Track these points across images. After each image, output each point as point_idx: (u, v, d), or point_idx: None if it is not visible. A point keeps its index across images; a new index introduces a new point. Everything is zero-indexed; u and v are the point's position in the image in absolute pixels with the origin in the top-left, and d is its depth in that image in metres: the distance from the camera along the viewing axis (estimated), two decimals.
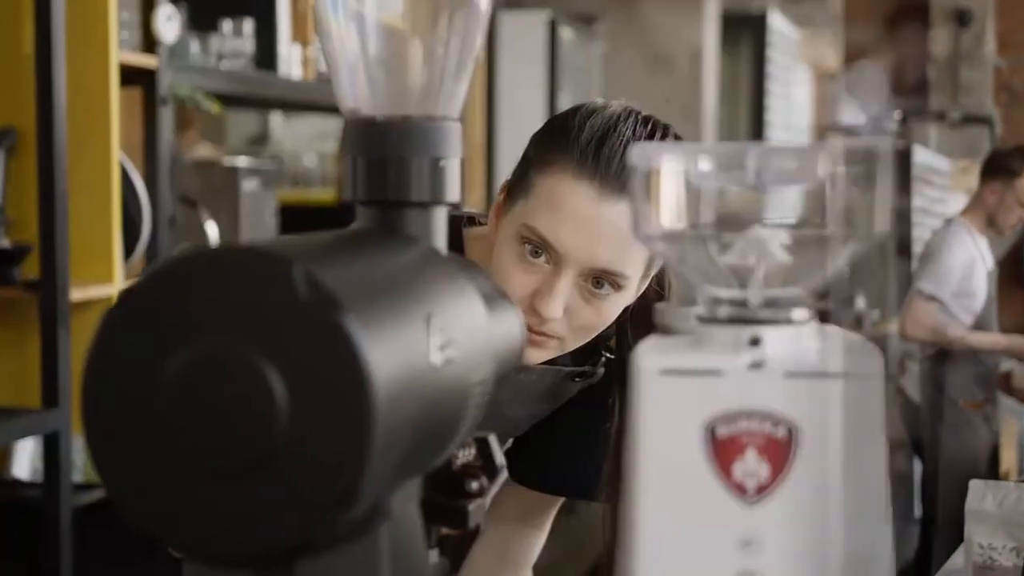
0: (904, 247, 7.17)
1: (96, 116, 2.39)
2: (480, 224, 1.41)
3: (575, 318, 1.25)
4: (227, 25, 2.91)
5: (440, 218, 0.81)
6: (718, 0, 5.62)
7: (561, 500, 1.54)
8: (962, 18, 9.08)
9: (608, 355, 1.40)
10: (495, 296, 0.86)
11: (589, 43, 5.06)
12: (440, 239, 0.80)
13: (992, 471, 4.30)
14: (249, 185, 2.96)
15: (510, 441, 1.51)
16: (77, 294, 2.32)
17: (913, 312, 4.22)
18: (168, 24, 2.53)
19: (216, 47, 2.87)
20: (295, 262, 0.60)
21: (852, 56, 9.76)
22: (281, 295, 0.60)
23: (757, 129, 7.31)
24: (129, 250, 2.49)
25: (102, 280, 2.41)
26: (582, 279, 1.24)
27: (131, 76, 2.53)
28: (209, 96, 2.71)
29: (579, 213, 1.21)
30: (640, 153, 0.70)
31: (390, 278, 0.68)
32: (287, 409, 0.60)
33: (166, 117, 2.57)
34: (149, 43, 2.57)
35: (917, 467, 4.71)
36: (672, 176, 0.71)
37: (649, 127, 1.26)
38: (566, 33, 4.81)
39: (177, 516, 0.62)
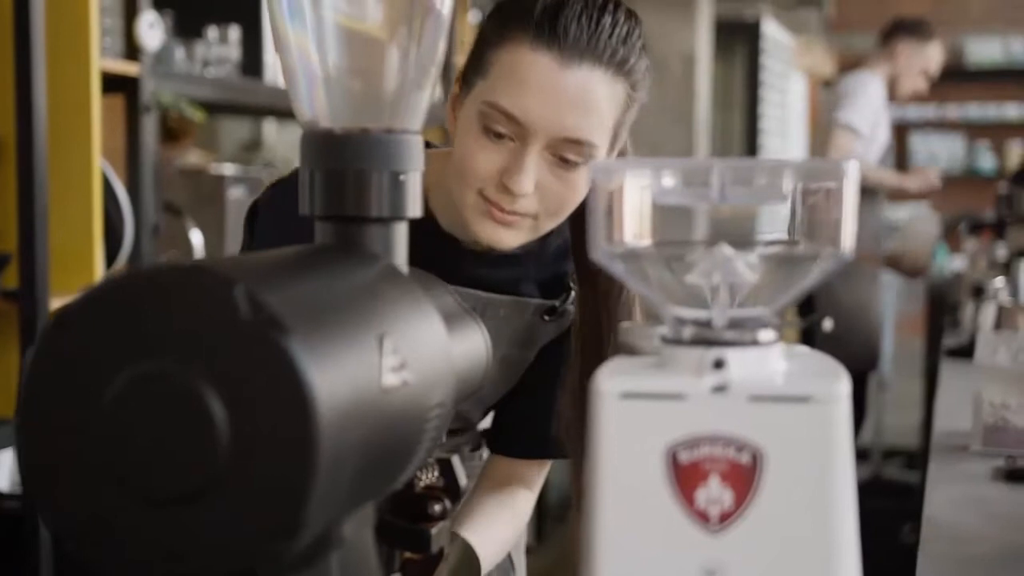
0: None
1: (77, 124, 2.36)
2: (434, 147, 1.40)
3: (546, 194, 1.23)
4: (212, 32, 2.89)
5: (401, 233, 0.78)
6: (711, 7, 5.60)
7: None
8: None
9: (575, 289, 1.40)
10: (458, 314, 0.83)
11: None
12: (400, 255, 0.78)
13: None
14: (236, 193, 2.94)
15: (490, 416, 1.50)
16: (57, 304, 2.30)
17: (836, 142, 4.27)
18: (151, 31, 2.50)
19: (201, 54, 2.84)
20: (237, 282, 0.58)
21: (847, 63, 9.77)
22: (222, 316, 0.57)
23: (751, 136, 7.29)
24: (111, 259, 2.46)
25: (83, 289, 2.38)
26: (549, 152, 1.22)
27: (114, 83, 2.50)
28: (193, 104, 2.69)
29: (541, 83, 1.19)
30: (601, 169, 0.68)
31: (342, 298, 0.65)
32: (228, 435, 0.57)
33: (149, 125, 2.54)
34: (132, 50, 2.54)
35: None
36: (634, 193, 0.68)
37: None
38: None
39: (117, 543, 0.60)
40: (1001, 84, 9.78)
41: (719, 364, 0.66)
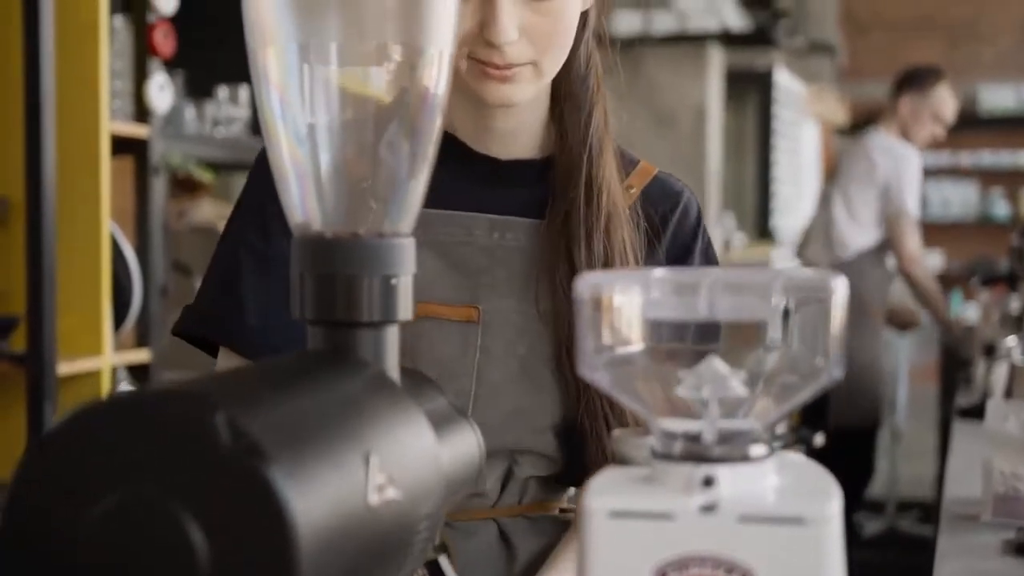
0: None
1: (86, 186, 2.37)
2: None
3: (533, 34, 1.16)
4: (222, 91, 2.91)
5: (392, 338, 0.78)
6: (722, 58, 5.62)
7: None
8: None
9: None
10: (449, 416, 0.83)
11: None
12: (391, 360, 0.77)
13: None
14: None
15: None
16: (65, 367, 2.30)
17: (912, 241, 4.25)
18: (161, 94, 2.52)
19: (212, 113, 2.86)
20: (218, 408, 0.57)
21: (860, 111, 9.80)
22: (203, 443, 0.57)
23: (763, 185, 7.29)
24: (119, 321, 2.46)
25: (91, 352, 2.38)
26: None
27: (124, 145, 2.52)
28: (201, 164, 2.70)
29: None
30: (588, 283, 0.68)
31: (327, 415, 0.65)
32: (208, 563, 0.57)
33: (158, 186, 2.55)
34: (142, 112, 2.55)
35: None
36: (621, 305, 0.68)
37: None
38: None
39: None
40: (1014, 131, 9.78)
41: (708, 482, 0.65)
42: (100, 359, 2.40)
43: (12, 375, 2.31)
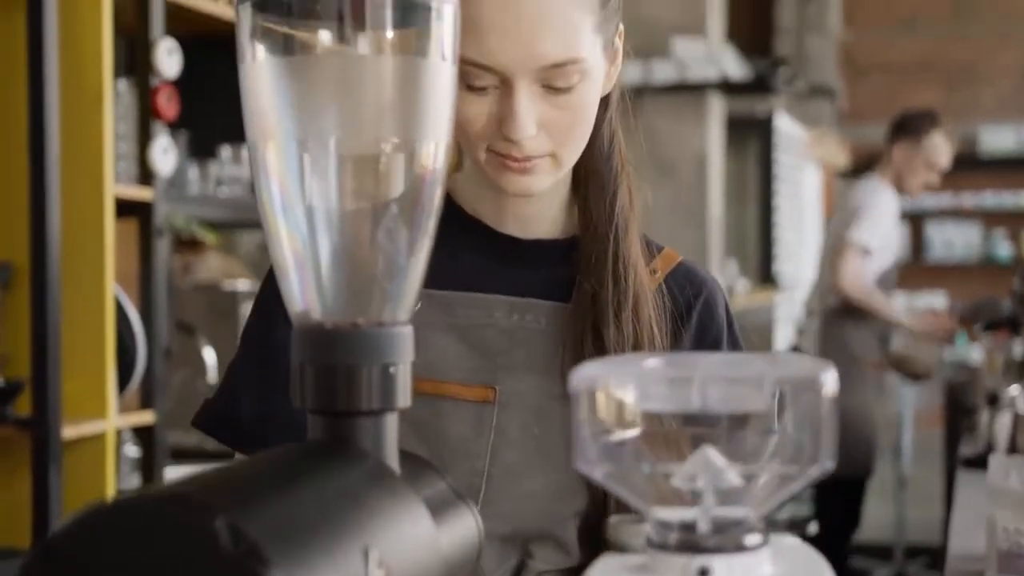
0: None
1: (91, 250, 2.39)
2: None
3: (552, 127, 1.14)
4: (225, 151, 2.93)
5: (391, 425, 0.79)
6: (723, 106, 5.65)
7: None
8: None
9: None
10: (448, 500, 0.83)
11: None
12: (391, 447, 0.78)
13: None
14: (249, 309, 2.95)
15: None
16: (70, 431, 2.30)
17: (850, 265, 4.24)
18: (164, 156, 2.54)
19: (215, 173, 2.88)
20: (219, 511, 0.58)
21: (861, 154, 9.84)
22: (203, 548, 0.58)
23: (766, 230, 7.31)
24: (123, 383, 2.48)
25: (96, 415, 2.39)
26: (538, 84, 1.12)
27: (127, 208, 2.54)
28: (205, 225, 2.72)
29: (495, 19, 1.09)
30: (582, 375, 0.69)
31: (326, 511, 0.66)
32: None
33: (162, 248, 2.57)
34: (146, 174, 2.58)
35: None
36: (616, 397, 0.69)
37: None
38: None
39: None
40: (1016, 172, 9.81)
41: (704, 573, 0.66)
42: (105, 422, 2.40)
43: (17, 439, 2.32)
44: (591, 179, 1.25)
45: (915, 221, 10.10)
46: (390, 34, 0.77)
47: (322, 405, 0.77)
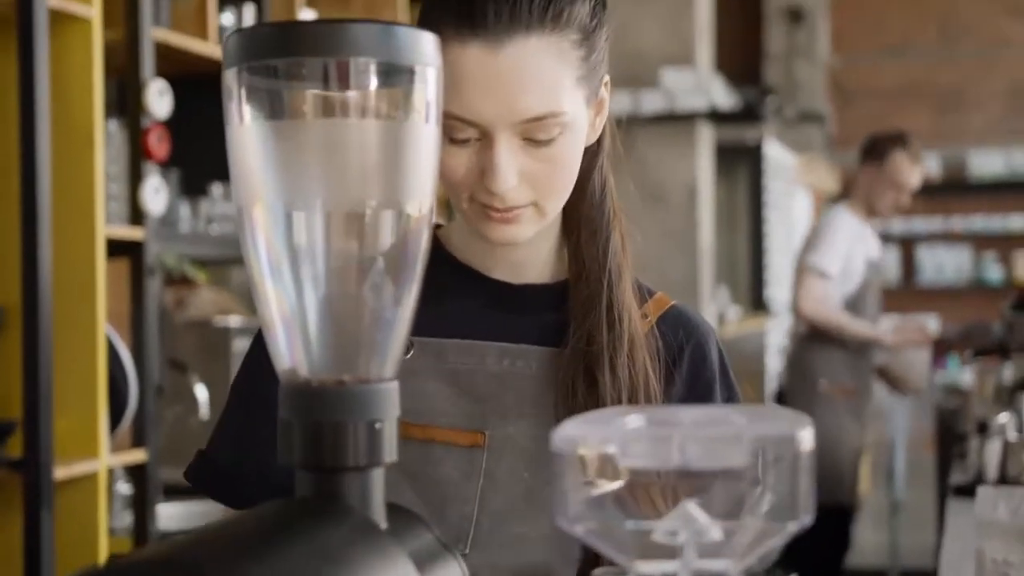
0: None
1: (82, 291, 2.40)
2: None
3: (534, 179, 1.15)
4: (216, 189, 2.95)
5: (377, 480, 0.80)
6: (712, 134, 5.68)
7: None
8: (796, 15, 9.20)
9: None
10: (434, 553, 0.84)
11: None
12: (377, 501, 0.80)
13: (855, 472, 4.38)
14: (241, 344, 2.97)
15: None
16: (62, 472, 2.31)
17: (809, 288, 4.25)
18: (155, 196, 2.55)
19: (206, 210, 2.89)
20: (209, 575, 0.60)
21: (851, 178, 9.88)
22: None
23: (757, 256, 7.33)
24: (115, 422, 2.48)
25: (88, 455, 2.40)
26: (519, 137, 1.13)
27: (119, 248, 2.55)
28: (196, 263, 2.73)
29: (476, 74, 1.11)
30: (564, 435, 0.70)
31: (314, 570, 0.67)
32: None
33: (153, 287, 2.58)
34: (137, 214, 2.59)
35: None
36: (597, 455, 0.70)
37: None
38: None
39: None
40: (1005, 196, 9.87)
41: None
42: (97, 461, 2.41)
43: (8, 481, 2.33)
44: (583, 225, 1.26)
45: (906, 245, 10.15)
46: (374, 97, 0.78)
47: (309, 461, 0.78)
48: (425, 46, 0.79)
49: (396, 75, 0.78)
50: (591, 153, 1.23)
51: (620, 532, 0.71)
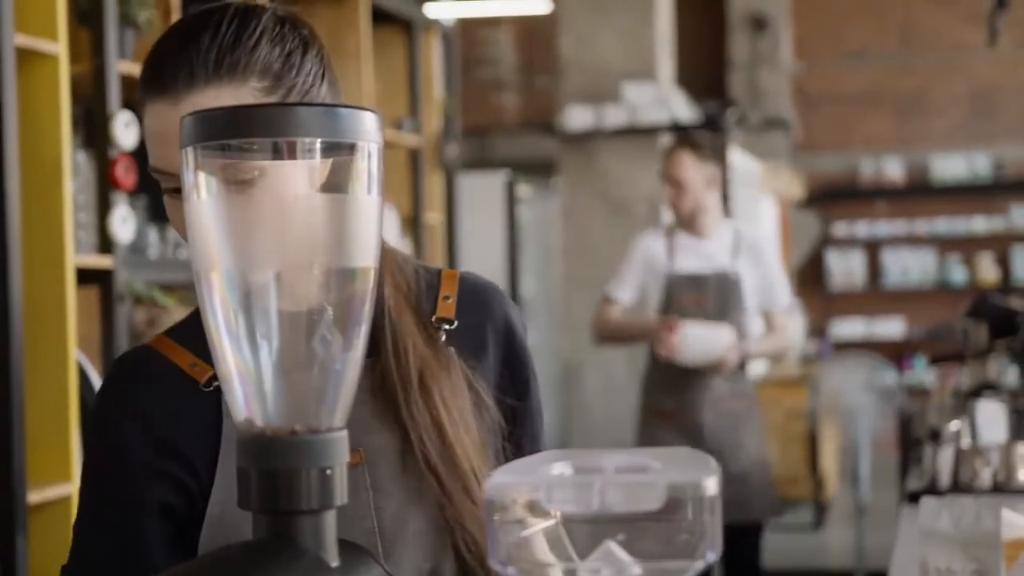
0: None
1: (53, 318, 2.45)
2: None
3: None
4: None
5: (329, 521, 0.87)
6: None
7: None
8: (759, 23, 9.31)
9: (446, 325, 1.31)
10: None
11: (547, 196, 5.18)
12: (330, 541, 0.86)
13: None
14: None
15: None
16: (35, 496, 2.37)
17: (596, 315, 4.12)
18: (124, 225, 2.61)
19: (173, 236, 2.95)
20: None
21: (816, 184, 10.01)
22: None
23: None
24: None
25: (60, 479, 2.45)
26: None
27: (88, 276, 2.61)
28: (163, 290, 2.79)
29: (164, 127, 1.17)
30: (494, 484, 0.77)
31: None
32: None
33: (122, 314, 2.64)
34: (106, 242, 2.65)
35: None
36: (524, 503, 0.77)
37: (227, 15, 1.20)
38: (524, 190, 4.93)
39: None
40: (967, 198, 10.01)
41: None
42: (70, 485, 2.46)
43: None
44: None
45: (871, 248, 10.28)
46: (320, 172, 0.85)
47: (265, 506, 0.85)
48: (366, 124, 0.86)
49: (339, 151, 0.85)
50: None
51: (547, 571, 0.78)
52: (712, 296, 4.05)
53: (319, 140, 0.84)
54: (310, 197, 0.85)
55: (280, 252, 0.86)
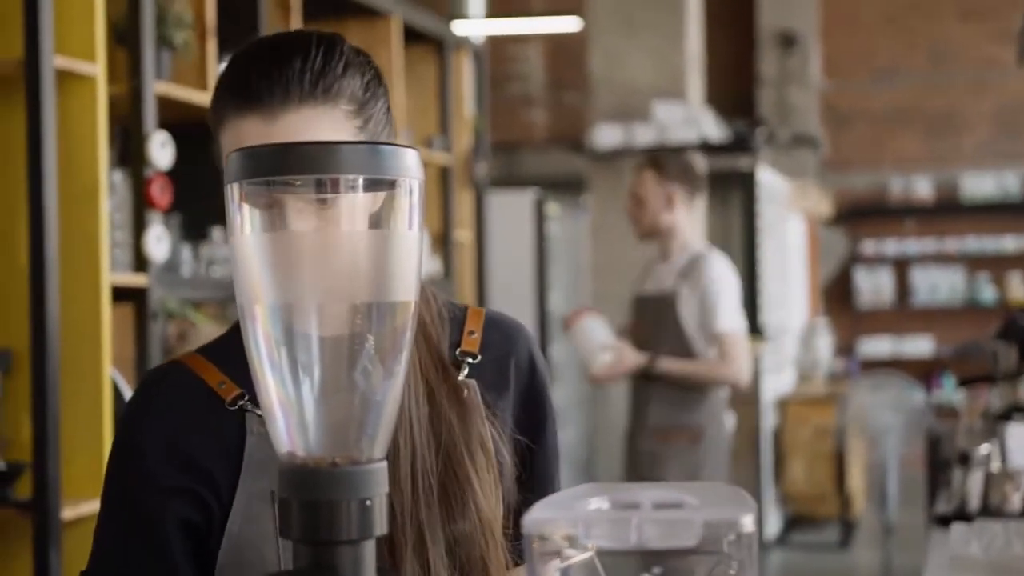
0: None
1: (88, 336, 2.48)
2: None
3: None
4: (217, 232, 3.03)
5: (369, 551, 0.88)
6: (704, 163, 5.76)
7: None
8: (788, 40, 9.29)
9: (469, 359, 1.32)
10: None
11: (576, 214, 5.19)
12: (368, 571, 0.88)
13: None
14: None
15: None
16: (69, 512, 2.39)
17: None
18: (158, 244, 2.64)
19: (207, 254, 2.98)
20: None
21: (844, 202, 9.99)
22: None
23: (751, 281, 7.41)
24: None
25: (95, 496, 2.47)
26: (303, 203, 1.14)
27: (123, 294, 2.63)
28: (196, 308, 2.81)
29: (255, 143, 1.17)
30: (533, 522, 0.78)
31: None
32: None
33: (156, 331, 2.67)
34: (141, 261, 2.68)
35: None
36: (565, 537, 0.78)
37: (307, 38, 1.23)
38: (553, 208, 4.95)
39: None
40: (997, 217, 9.96)
41: None
42: None
43: (17, 522, 2.40)
44: None
45: (900, 266, 10.25)
46: (362, 208, 0.87)
47: (306, 536, 0.87)
48: (408, 161, 0.87)
49: (381, 187, 0.87)
50: None
51: None
52: (649, 319, 4.01)
53: (362, 177, 0.86)
54: (353, 233, 0.87)
55: (322, 287, 0.87)
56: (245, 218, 0.87)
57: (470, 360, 1.31)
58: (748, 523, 0.76)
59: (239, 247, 0.87)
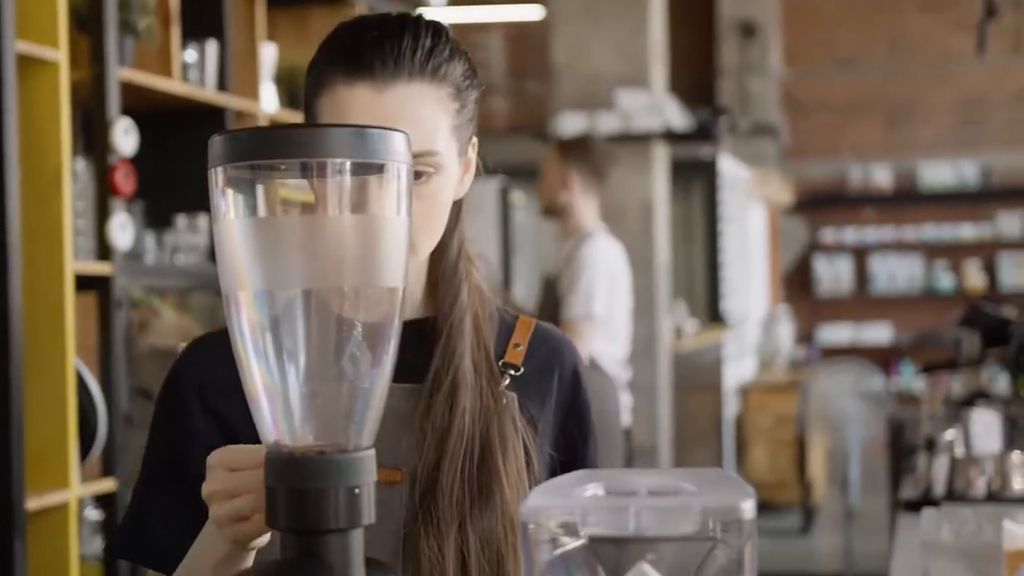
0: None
1: (52, 325, 2.45)
2: None
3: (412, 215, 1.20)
4: (182, 220, 3.00)
5: (357, 540, 0.87)
6: (667, 153, 5.78)
7: None
8: (748, 30, 9.34)
9: (512, 371, 1.32)
10: None
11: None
12: (356, 560, 0.87)
13: None
14: None
15: None
16: (33, 502, 2.36)
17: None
18: (122, 232, 2.61)
19: (171, 242, 2.95)
20: None
21: (804, 190, 10.04)
22: None
23: (713, 269, 7.44)
24: (85, 452, 2.53)
25: (58, 486, 2.45)
26: None
27: (87, 282, 2.60)
28: (160, 297, 2.78)
29: (361, 110, 1.19)
30: (529, 510, 0.77)
31: None
32: None
33: (120, 320, 2.64)
34: (104, 249, 2.64)
35: None
36: (560, 524, 0.77)
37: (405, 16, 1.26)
38: (517, 197, 4.93)
39: None
40: (954, 206, 10.04)
41: None
42: (67, 492, 2.46)
43: None
44: (440, 284, 1.31)
45: (859, 254, 10.31)
46: (349, 192, 0.85)
47: (293, 525, 0.85)
48: (396, 145, 0.86)
49: (368, 172, 0.85)
50: (455, 211, 1.30)
51: None
52: (548, 301, 4.01)
53: (349, 161, 0.85)
54: (340, 217, 0.85)
55: (309, 272, 0.86)
56: (229, 203, 0.85)
57: (512, 372, 1.31)
58: (747, 509, 0.75)
59: (223, 232, 0.86)
